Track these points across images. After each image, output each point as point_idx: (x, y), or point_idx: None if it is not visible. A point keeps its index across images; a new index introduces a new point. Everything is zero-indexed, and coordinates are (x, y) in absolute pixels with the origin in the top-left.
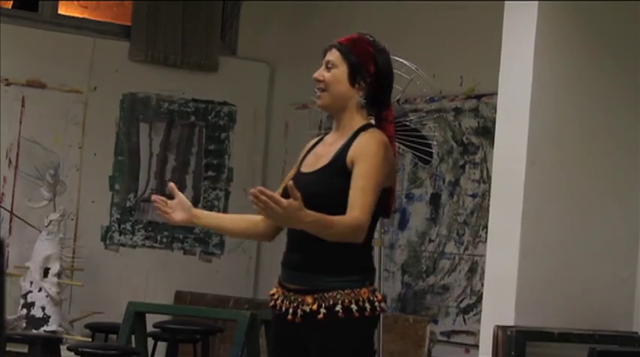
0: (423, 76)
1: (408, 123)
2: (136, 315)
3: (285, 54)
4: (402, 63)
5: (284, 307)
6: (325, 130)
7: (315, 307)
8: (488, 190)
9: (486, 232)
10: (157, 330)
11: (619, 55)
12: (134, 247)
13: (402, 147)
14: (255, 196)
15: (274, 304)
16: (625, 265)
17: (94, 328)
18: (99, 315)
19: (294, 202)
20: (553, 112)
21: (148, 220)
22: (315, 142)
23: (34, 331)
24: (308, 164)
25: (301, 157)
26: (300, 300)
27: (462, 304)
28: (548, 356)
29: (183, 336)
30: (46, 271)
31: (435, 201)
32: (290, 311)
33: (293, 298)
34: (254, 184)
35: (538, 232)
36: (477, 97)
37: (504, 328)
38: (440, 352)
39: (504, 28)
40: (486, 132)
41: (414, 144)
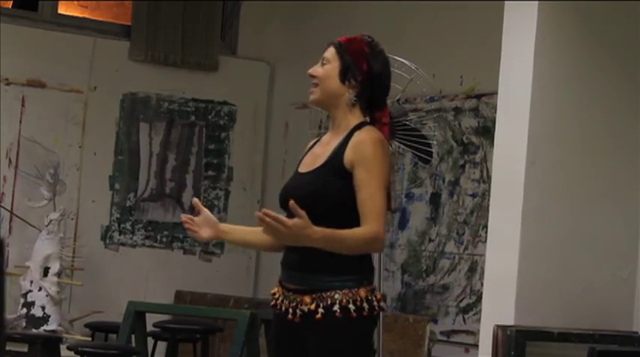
0: (423, 75)
1: (407, 123)
2: (136, 314)
3: (285, 53)
4: (402, 62)
5: (284, 307)
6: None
7: (313, 307)
8: (488, 190)
9: (486, 231)
10: (157, 329)
11: (619, 55)
12: (134, 246)
13: (402, 146)
14: (261, 218)
15: (275, 304)
16: (625, 265)
17: (93, 328)
18: (99, 314)
19: (298, 221)
20: (553, 111)
21: (147, 219)
22: (314, 142)
23: (33, 330)
24: (305, 164)
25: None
26: (299, 300)
27: (462, 304)
28: (548, 356)
29: (183, 335)
30: (46, 270)
31: (435, 200)
32: (290, 311)
33: (292, 298)
34: (254, 184)
35: (538, 231)
36: (477, 96)
37: (504, 328)
38: (440, 352)
39: (504, 28)
40: (486, 132)
41: (413, 144)
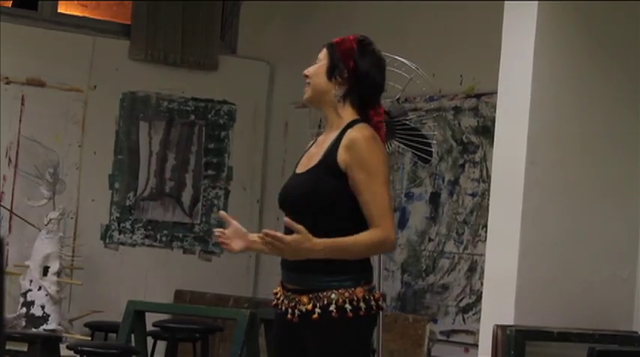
0: (422, 75)
1: (407, 122)
2: (136, 314)
3: (285, 53)
4: (402, 62)
5: (284, 307)
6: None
7: (310, 307)
8: (487, 189)
9: (486, 231)
10: (157, 329)
11: (619, 55)
12: (134, 245)
13: (402, 146)
14: (262, 239)
15: (276, 304)
16: (625, 265)
17: (93, 327)
18: (98, 314)
19: (297, 236)
20: (553, 111)
21: (147, 218)
22: (312, 142)
23: (33, 329)
24: (302, 165)
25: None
26: (297, 300)
27: (462, 304)
28: (547, 356)
29: (182, 335)
30: (46, 269)
31: (435, 200)
32: (289, 311)
33: (291, 298)
34: (253, 183)
35: (538, 231)
36: (477, 96)
37: (504, 328)
38: (439, 352)
39: (504, 28)
40: (486, 131)
41: (413, 143)
